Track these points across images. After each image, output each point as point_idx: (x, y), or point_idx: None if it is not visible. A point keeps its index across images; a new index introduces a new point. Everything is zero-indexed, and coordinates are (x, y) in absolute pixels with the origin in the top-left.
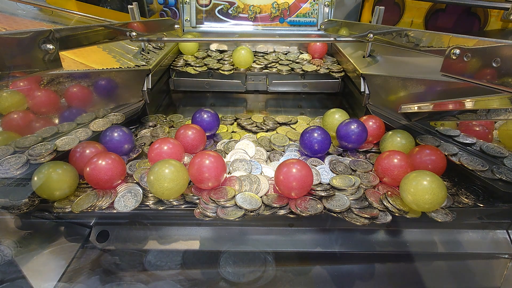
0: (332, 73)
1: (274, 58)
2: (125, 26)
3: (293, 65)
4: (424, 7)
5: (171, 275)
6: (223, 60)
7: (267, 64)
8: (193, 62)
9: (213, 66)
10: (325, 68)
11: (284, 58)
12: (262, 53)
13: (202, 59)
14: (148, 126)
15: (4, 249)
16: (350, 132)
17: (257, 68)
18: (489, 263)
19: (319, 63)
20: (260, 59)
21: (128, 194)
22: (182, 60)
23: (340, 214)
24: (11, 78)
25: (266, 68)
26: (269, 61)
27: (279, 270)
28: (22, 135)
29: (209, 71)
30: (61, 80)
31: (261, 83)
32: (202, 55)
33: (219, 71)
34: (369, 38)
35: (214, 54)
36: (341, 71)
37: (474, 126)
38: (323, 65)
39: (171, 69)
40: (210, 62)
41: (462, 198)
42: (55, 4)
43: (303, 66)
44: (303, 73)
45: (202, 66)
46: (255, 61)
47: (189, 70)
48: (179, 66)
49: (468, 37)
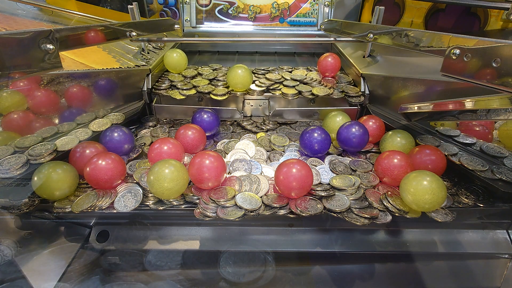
0: (349, 98)
1: (277, 78)
2: (125, 26)
3: (301, 87)
4: (424, 7)
5: (171, 275)
6: (216, 80)
7: (269, 85)
8: (180, 84)
9: (204, 90)
10: (339, 91)
11: (290, 77)
12: (263, 71)
13: (191, 79)
14: (148, 126)
15: (4, 249)
16: (351, 135)
17: (257, 91)
18: (489, 263)
19: (332, 84)
20: (261, 79)
21: (128, 194)
22: (167, 81)
23: (340, 214)
24: (11, 78)
25: (268, 90)
26: (272, 81)
27: (279, 270)
28: (22, 135)
29: (198, 95)
30: (61, 80)
31: (261, 107)
32: (191, 73)
33: (211, 95)
34: (369, 38)
35: (205, 72)
36: (359, 95)
37: (474, 126)
38: (336, 87)
39: (153, 92)
40: (200, 83)
41: (462, 198)
42: (55, 4)
43: (313, 88)
44: (312, 97)
45: (191, 88)
46: (255, 82)
47: (174, 94)
48: (162, 88)
49: (468, 37)
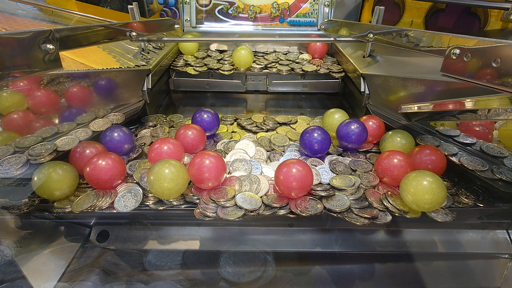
0: (332, 73)
1: (274, 58)
2: (125, 26)
3: (293, 65)
4: (424, 7)
5: (171, 275)
6: (223, 60)
7: (267, 64)
8: (193, 62)
9: (213, 66)
10: (325, 68)
11: (284, 58)
12: (262, 53)
13: (202, 59)
14: (148, 126)
15: (4, 249)
16: (350, 132)
17: (257, 68)
18: (489, 263)
19: (319, 63)
20: (260, 59)
21: (128, 194)
22: (182, 60)
23: (340, 214)
24: (11, 78)
25: (266, 68)
26: (269, 61)
27: (279, 270)
28: (22, 135)
29: (209, 71)
30: (61, 80)
31: (261, 83)
32: (202, 55)
33: (219, 71)
34: (369, 38)
35: (214, 54)
36: (341, 71)
37: (474, 126)
38: (323, 65)
39: (171, 69)
40: (210, 62)
41: (462, 198)
42: (55, 4)
43: (303, 66)
44: (303, 73)
45: (202, 66)
46: (255, 61)
47: (189, 70)
48: (179, 66)
49: (468, 37)
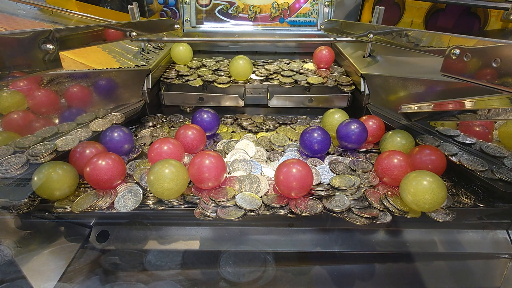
0: (341, 87)
1: (275, 69)
2: (125, 26)
3: (297, 77)
4: (424, 7)
5: (171, 275)
6: (219, 70)
7: (267, 75)
8: (186, 73)
9: (208, 78)
10: (332, 81)
11: (287, 68)
12: (262, 62)
13: (196, 69)
14: (148, 126)
15: (4, 249)
16: (350, 132)
17: (257, 80)
18: (489, 263)
19: (326, 74)
20: (260, 69)
21: (128, 194)
22: (174, 71)
23: (340, 214)
24: (11, 78)
25: (267, 79)
26: (270, 71)
27: (279, 270)
28: (22, 135)
29: (204, 84)
30: (61, 80)
31: (261, 96)
32: (196, 64)
33: (215, 83)
34: (369, 38)
35: (209, 63)
36: (351, 83)
37: (474, 126)
38: (330, 77)
39: (161, 81)
40: (204, 73)
41: (462, 198)
42: (55, 4)
43: (308, 78)
44: (308, 86)
45: (196, 79)
46: (255, 72)
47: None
48: (170, 77)
49: (468, 37)
